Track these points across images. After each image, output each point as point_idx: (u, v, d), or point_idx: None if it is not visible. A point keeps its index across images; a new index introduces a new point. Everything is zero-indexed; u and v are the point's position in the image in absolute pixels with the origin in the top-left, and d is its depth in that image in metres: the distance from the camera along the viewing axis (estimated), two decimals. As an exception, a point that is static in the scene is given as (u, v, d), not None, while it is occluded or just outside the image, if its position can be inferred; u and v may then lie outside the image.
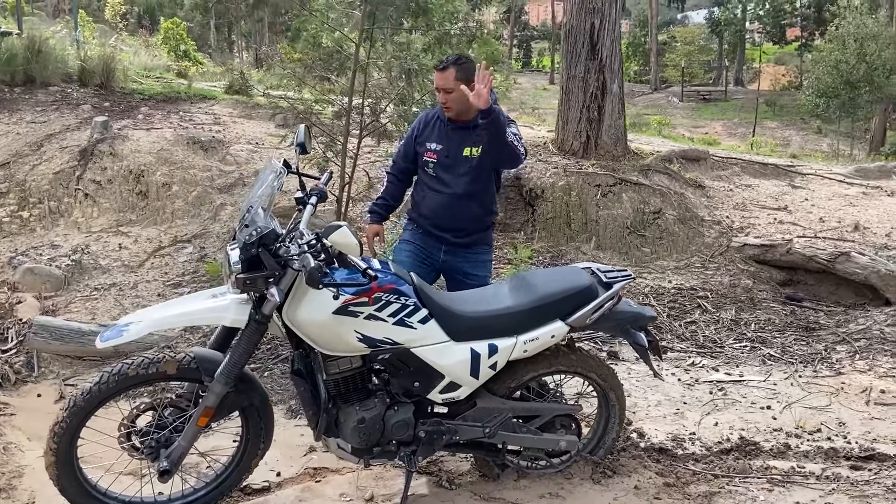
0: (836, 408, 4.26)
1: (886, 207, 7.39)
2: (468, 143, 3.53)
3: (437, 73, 3.52)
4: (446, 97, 3.47)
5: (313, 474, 3.41)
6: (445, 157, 3.56)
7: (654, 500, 3.11)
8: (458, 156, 3.54)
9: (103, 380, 2.70)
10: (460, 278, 3.69)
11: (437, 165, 3.58)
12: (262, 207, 2.72)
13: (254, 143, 8.01)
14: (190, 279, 5.92)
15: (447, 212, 3.57)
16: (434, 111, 3.72)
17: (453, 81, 3.43)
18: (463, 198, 3.56)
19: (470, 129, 3.52)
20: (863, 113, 28.39)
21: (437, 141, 3.59)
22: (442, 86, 3.46)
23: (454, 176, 3.54)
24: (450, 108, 3.51)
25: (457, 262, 3.69)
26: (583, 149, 7.71)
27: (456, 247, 3.66)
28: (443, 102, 3.52)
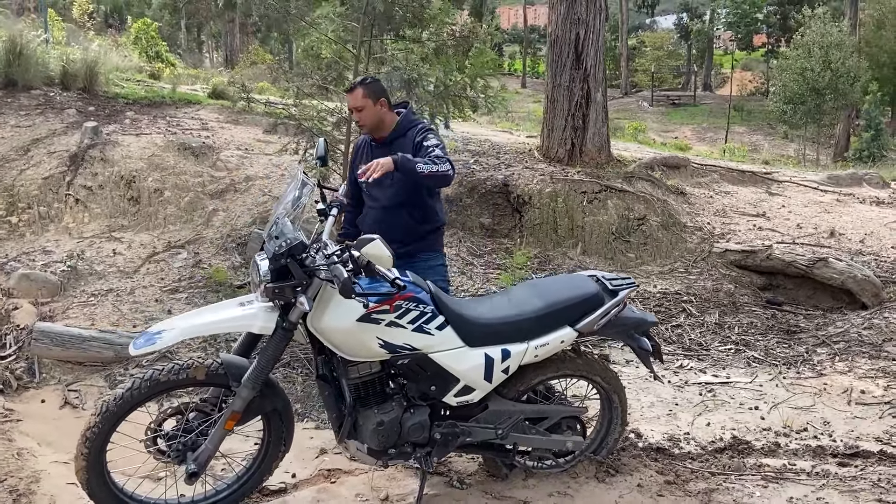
0: (820, 408, 4.47)
1: (859, 214, 7.68)
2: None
3: (347, 94, 3.75)
4: (359, 115, 3.68)
5: (327, 475, 3.51)
6: None
7: (657, 497, 3.27)
8: None
9: (135, 385, 2.79)
10: None
11: (366, 184, 3.63)
12: (290, 219, 2.82)
13: (243, 149, 8.06)
14: (186, 285, 5.96)
15: (380, 224, 3.59)
16: (364, 137, 3.90)
17: (362, 99, 3.63)
18: (391, 209, 3.68)
19: (388, 144, 3.67)
20: (828, 119, 29.14)
21: (364, 161, 3.67)
22: (353, 105, 3.68)
23: (381, 189, 3.64)
24: (364, 124, 3.70)
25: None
26: (568, 156, 7.90)
27: (401, 257, 3.63)
28: (356, 120, 3.75)
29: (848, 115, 30.41)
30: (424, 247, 3.81)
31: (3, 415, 4.22)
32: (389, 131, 3.71)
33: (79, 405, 4.45)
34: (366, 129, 3.74)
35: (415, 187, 3.65)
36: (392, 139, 3.70)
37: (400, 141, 3.67)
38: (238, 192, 7.24)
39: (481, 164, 7.90)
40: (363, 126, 3.73)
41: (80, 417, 4.30)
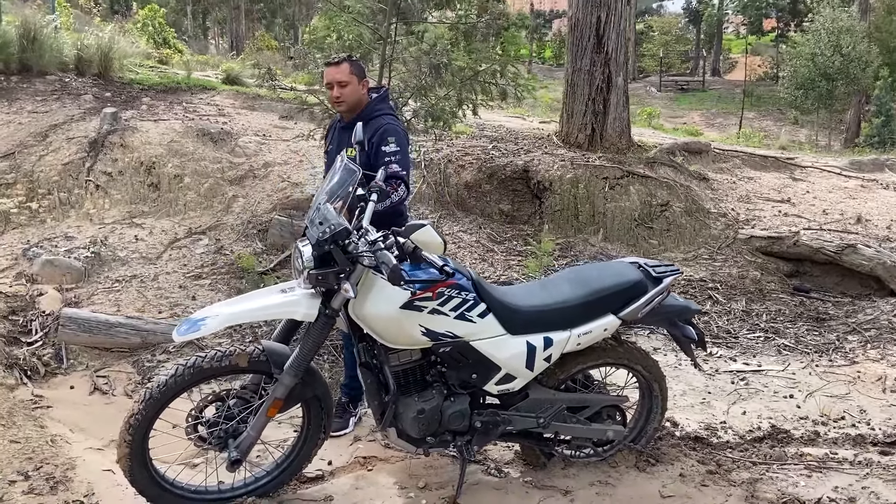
0: (855, 396, 4.41)
1: (884, 200, 7.59)
2: (348, 143, 3.46)
3: (329, 67, 3.56)
4: (341, 91, 3.51)
5: (363, 463, 3.49)
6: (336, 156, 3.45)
7: (700, 487, 3.23)
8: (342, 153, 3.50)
9: (178, 372, 2.76)
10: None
11: (326, 165, 3.63)
12: (335, 206, 2.77)
13: (261, 135, 8.00)
14: (209, 271, 5.93)
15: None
16: (338, 118, 3.75)
17: (349, 74, 3.51)
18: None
19: (350, 128, 3.44)
20: (839, 105, 28.90)
21: (332, 141, 3.63)
22: (337, 79, 3.50)
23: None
24: (344, 101, 3.53)
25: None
26: (588, 141, 7.81)
27: None
28: (336, 97, 3.54)
29: (858, 100, 30.16)
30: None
31: (33, 401, 4.20)
32: (356, 114, 3.59)
33: (108, 391, 4.43)
34: (344, 106, 3.58)
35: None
36: (352, 121, 3.51)
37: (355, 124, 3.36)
38: (257, 179, 7.19)
39: (500, 149, 7.82)
40: (341, 103, 3.56)
41: (110, 403, 4.29)
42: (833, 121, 29.91)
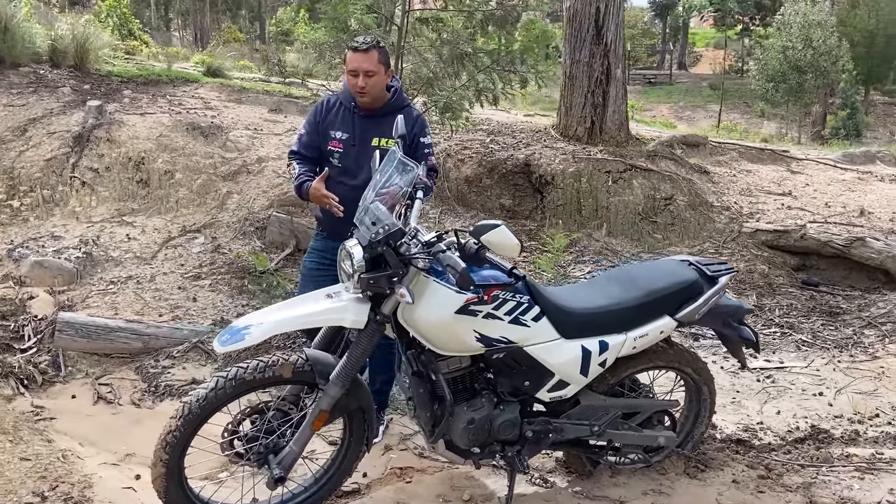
0: (883, 392, 4.35)
1: (884, 192, 7.60)
2: (377, 132, 3.33)
3: (356, 54, 3.27)
4: (367, 80, 3.25)
5: (400, 474, 3.31)
6: (352, 146, 3.35)
7: (757, 493, 3.11)
8: (366, 145, 3.32)
9: (219, 385, 2.55)
10: None
11: (342, 155, 3.35)
12: (387, 204, 2.58)
13: (252, 129, 7.73)
14: (208, 271, 5.68)
15: (351, 205, 3.10)
16: (335, 97, 3.48)
17: (377, 63, 3.26)
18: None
19: (379, 118, 3.33)
20: (809, 98, 29.35)
21: (342, 129, 3.37)
22: (365, 68, 3.24)
23: (362, 166, 3.24)
24: (367, 92, 3.29)
25: None
26: (587, 134, 7.70)
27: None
28: (361, 87, 3.27)
29: (824, 94, 30.66)
30: None
31: (35, 413, 3.96)
32: (382, 104, 3.38)
33: (114, 400, 4.18)
34: (367, 98, 3.32)
35: None
36: (384, 114, 3.34)
37: (390, 119, 3.22)
38: (251, 174, 6.93)
39: (498, 143, 7.66)
40: (365, 94, 3.30)
41: (117, 413, 4.06)
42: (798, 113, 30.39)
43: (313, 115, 3.50)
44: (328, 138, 3.42)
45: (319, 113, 3.49)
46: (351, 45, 3.36)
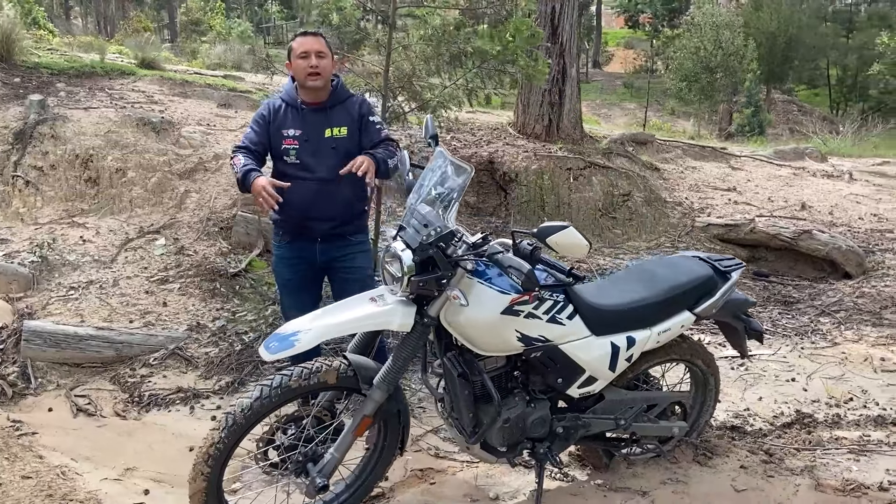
0: (851, 377, 4.62)
1: (819, 187, 8.05)
2: (328, 124, 3.36)
3: (306, 37, 3.33)
4: (319, 61, 3.28)
5: (421, 476, 3.30)
6: (306, 142, 3.34)
7: (767, 478, 3.26)
8: (319, 138, 3.35)
9: (264, 394, 2.47)
10: (343, 274, 3.50)
11: (299, 151, 3.33)
12: (441, 207, 2.56)
13: (205, 125, 7.47)
14: (176, 274, 5.46)
15: (317, 198, 3.30)
16: (276, 101, 3.44)
17: (326, 47, 3.33)
18: (331, 182, 3.29)
19: (327, 111, 3.38)
20: (720, 96, 30.68)
21: (293, 127, 3.35)
22: (316, 49, 3.28)
23: (319, 160, 3.31)
24: (319, 74, 3.29)
25: (336, 256, 3.47)
26: (545, 132, 7.82)
27: (332, 238, 3.44)
28: (314, 66, 3.27)
29: (730, 92, 32.14)
30: (359, 227, 3.58)
31: (14, 427, 3.72)
32: (327, 96, 3.39)
33: (95, 412, 3.98)
34: (320, 81, 3.31)
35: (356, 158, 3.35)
36: (332, 104, 3.38)
37: (339, 108, 3.38)
38: (209, 172, 6.70)
39: (460, 140, 7.69)
40: (317, 76, 3.29)
41: (103, 426, 3.87)
42: (707, 111, 31.75)
43: (261, 116, 3.43)
44: (281, 138, 3.36)
45: (268, 113, 3.43)
46: (298, 32, 3.42)
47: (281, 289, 3.60)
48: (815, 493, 3.14)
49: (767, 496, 3.13)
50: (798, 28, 35.29)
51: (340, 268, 3.48)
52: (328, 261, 3.47)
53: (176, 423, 3.88)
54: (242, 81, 10.99)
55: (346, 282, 3.45)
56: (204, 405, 4.10)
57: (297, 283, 3.50)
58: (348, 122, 3.39)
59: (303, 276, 3.49)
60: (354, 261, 3.50)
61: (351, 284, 3.42)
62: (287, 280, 3.51)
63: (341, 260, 3.48)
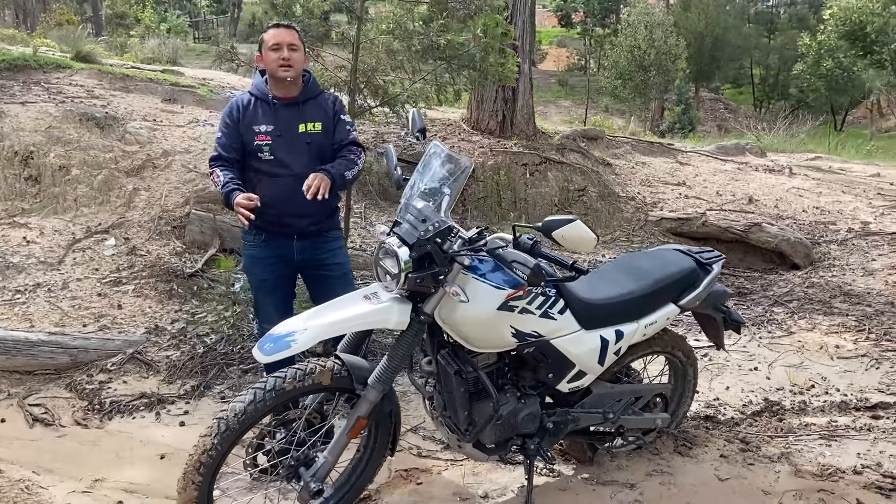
0: (809, 364, 4.76)
1: (763, 181, 8.31)
2: (301, 119, 3.28)
3: (279, 29, 3.24)
4: (292, 54, 3.19)
5: (406, 477, 3.24)
6: (279, 137, 3.24)
7: (747, 465, 3.33)
8: (293, 134, 3.26)
9: (258, 398, 2.37)
10: (321, 272, 3.43)
11: (273, 147, 3.23)
12: (438, 202, 2.50)
13: (151, 121, 7.19)
14: (129, 275, 5.24)
15: (292, 195, 3.18)
16: (245, 97, 3.32)
17: (298, 40, 3.26)
18: (305, 178, 3.15)
19: (299, 105, 3.29)
20: (653, 94, 31.48)
21: (265, 122, 3.24)
22: (289, 41, 3.19)
23: (294, 155, 3.23)
24: (292, 66, 3.20)
25: (314, 254, 3.39)
26: (499, 128, 7.83)
27: (309, 236, 3.36)
28: (286, 58, 3.17)
29: (661, 90, 33.04)
30: (333, 224, 3.52)
31: (-35, 441, 3.50)
32: (298, 91, 3.31)
33: (53, 422, 3.79)
34: (292, 72, 3.22)
35: (331, 154, 3.34)
36: (305, 99, 3.30)
37: (312, 103, 3.31)
38: (158, 169, 6.45)
39: (414, 136, 7.62)
40: (290, 68, 3.20)
41: (63, 436, 3.68)
42: (640, 109, 32.55)
43: (229, 115, 3.30)
44: (253, 134, 3.25)
45: (237, 111, 3.29)
46: (271, 24, 3.32)
47: (256, 290, 3.47)
48: (795, 479, 3.22)
49: (750, 484, 3.19)
50: (724, 29, 36.50)
51: (320, 265, 3.39)
52: (306, 259, 3.38)
53: (142, 431, 3.71)
54: (182, 76, 10.67)
55: (327, 279, 3.37)
56: (170, 411, 3.94)
57: (273, 282, 3.39)
58: (322, 117, 3.31)
59: (279, 275, 3.39)
60: (334, 257, 3.41)
61: (332, 282, 3.35)
62: (262, 280, 3.40)
63: (319, 259, 3.39)
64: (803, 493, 3.11)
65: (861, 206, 7.83)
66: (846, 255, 6.71)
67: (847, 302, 5.84)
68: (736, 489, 3.15)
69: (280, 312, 3.41)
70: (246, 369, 4.42)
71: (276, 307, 3.40)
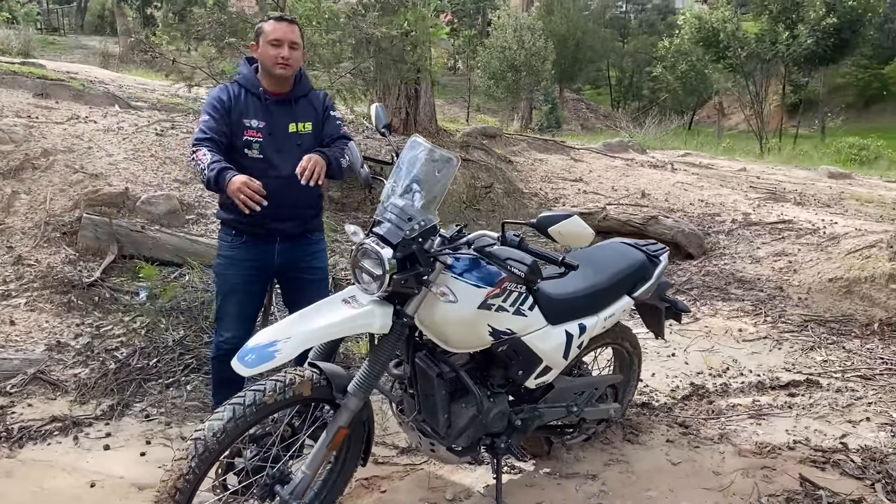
0: (720, 348, 5.05)
1: (651, 177, 8.73)
2: (292, 118, 3.14)
3: (281, 23, 3.06)
4: (292, 53, 3.04)
5: (367, 486, 3.12)
6: (270, 135, 3.08)
7: (693, 448, 3.47)
8: (284, 133, 3.12)
9: (238, 414, 2.20)
10: (301, 275, 3.29)
11: (263, 145, 3.06)
12: (421, 200, 2.41)
13: (25, 117, 6.56)
14: (18, 287, 4.74)
15: (282, 198, 3.03)
16: (233, 87, 3.13)
17: (300, 37, 3.14)
18: (295, 179, 2.99)
19: (291, 103, 3.14)
20: (523, 94, 32.46)
21: (256, 117, 3.07)
22: (291, 38, 3.03)
23: (283, 155, 3.07)
24: (291, 66, 3.06)
25: (295, 257, 3.25)
26: (403, 126, 7.77)
27: (292, 238, 3.22)
28: (285, 58, 3.03)
29: (529, 91, 34.19)
30: (318, 224, 3.41)
31: None
32: (290, 87, 3.16)
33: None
34: (290, 72, 3.07)
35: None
36: (298, 96, 3.17)
37: (304, 101, 3.19)
38: (38, 171, 5.90)
39: (316, 133, 7.41)
40: (289, 67, 3.05)
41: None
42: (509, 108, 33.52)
43: (218, 100, 3.08)
44: (242, 127, 3.07)
45: (227, 98, 3.09)
46: (273, 16, 3.12)
47: (226, 295, 3.20)
48: (739, 458, 3.39)
49: (700, 466, 3.32)
50: (584, 32, 38.23)
51: (301, 269, 3.22)
52: (286, 262, 3.19)
53: (62, 458, 3.37)
54: (44, 69, 9.86)
55: (306, 283, 3.23)
56: (89, 434, 3.60)
57: (247, 288, 3.18)
58: (313, 116, 3.16)
59: (255, 280, 3.18)
60: (316, 261, 3.26)
61: (311, 286, 3.22)
62: (235, 285, 3.16)
63: (301, 263, 3.22)
64: (749, 471, 3.28)
65: (740, 199, 8.41)
66: (734, 244, 7.18)
67: (741, 288, 6.25)
68: (689, 472, 3.27)
69: (244, 321, 3.24)
70: (167, 384, 4.12)
71: (245, 314, 3.21)
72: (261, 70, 3.11)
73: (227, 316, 3.20)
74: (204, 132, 3.03)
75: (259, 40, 3.09)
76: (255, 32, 3.17)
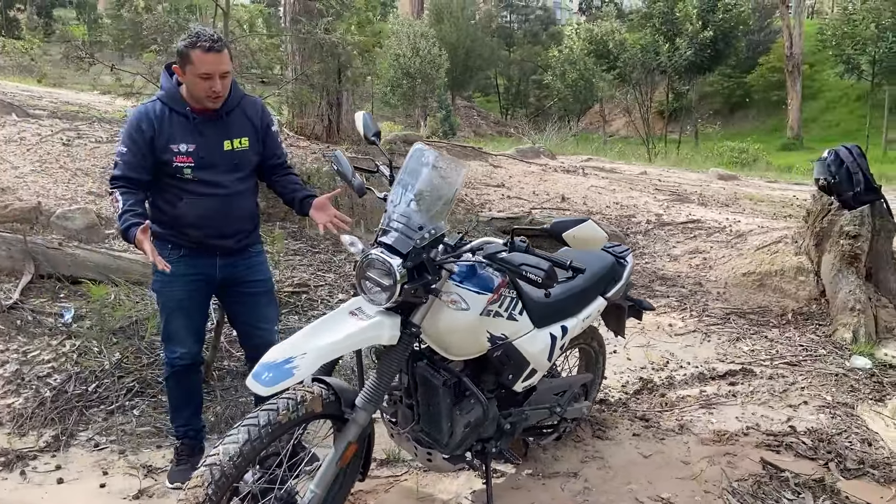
0: (656, 343, 5.27)
1: (567, 181, 9.02)
2: (226, 135, 2.98)
3: (210, 54, 2.78)
4: (223, 83, 2.85)
5: (353, 501, 3.06)
6: (201, 158, 2.91)
7: (660, 441, 3.62)
8: (218, 152, 2.96)
9: (253, 436, 2.11)
10: (243, 289, 3.18)
11: (196, 168, 2.91)
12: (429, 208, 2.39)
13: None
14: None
15: (222, 215, 2.96)
16: (155, 106, 2.92)
17: (230, 62, 2.96)
18: (236, 196, 3.00)
19: (223, 118, 2.96)
20: (420, 101, 32.70)
21: (184, 141, 2.89)
22: (223, 69, 2.83)
23: (221, 174, 2.95)
24: (221, 96, 2.88)
25: (237, 272, 3.14)
26: (326, 133, 7.68)
27: (233, 253, 3.11)
28: (216, 91, 2.84)
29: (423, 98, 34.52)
30: (255, 238, 3.34)
31: None
32: (221, 102, 2.96)
33: None
34: (220, 102, 2.91)
35: (267, 168, 3.18)
36: (227, 112, 2.98)
37: (237, 114, 3.01)
38: None
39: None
40: (217, 98, 2.87)
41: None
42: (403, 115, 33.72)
43: (137, 130, 2.86)
44: (171, 154, 2.87)
45: (147, 125, 2.86)
46: (200, 45, 2.78)
47: (172, 312, 3.04)
48: (702, 446, 3.57)
49: (669, 457, 3.47)
50: (473, 41, 38.97)
51: (243, 282, 3.10)
52: (227, 277, 3.07)
53: (12, 495, 3.12)
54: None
55: (251, 296, 3.11)
56: (37, 468, 3.34)
57: (193, 302, 3.04)
58: (249, 131, 3.00)
59: (199, 294, 3.05)
60: (258, 273, 3.14)
61: (256, 298, 3.12)
62: (181, 301, 3.01)
63: (242, 277, 3.10)
64: (714, 458, 3.46)
65: (650, 201, 8.83)
66: (651, 243, 7.53)
67: (665, 285, 6.56)
68: (660, 464, 3.41)
69: (195, 334, 3.12)
70: (111, 410, 3.88)
71: (193, 330, 3.08)
72: (186, 89, 2.89)
73: (176, 333, 3.04)
74: (120, 169, 2.87)
75: (185, 68, 2.82)
76: (178, 53, 2.86)
